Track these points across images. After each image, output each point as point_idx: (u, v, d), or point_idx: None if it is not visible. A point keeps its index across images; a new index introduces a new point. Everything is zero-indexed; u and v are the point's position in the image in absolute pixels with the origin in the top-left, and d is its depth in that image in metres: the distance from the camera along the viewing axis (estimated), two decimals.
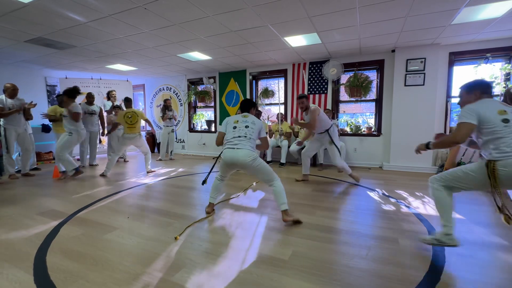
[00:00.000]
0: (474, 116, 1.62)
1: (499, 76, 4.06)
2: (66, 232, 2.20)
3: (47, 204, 2.92)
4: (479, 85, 1.81)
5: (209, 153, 6.99)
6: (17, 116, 4.13)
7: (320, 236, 2.09)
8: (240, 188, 3.54)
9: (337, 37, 4.01)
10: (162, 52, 4.78)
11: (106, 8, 2.96)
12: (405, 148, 4.69)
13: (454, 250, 1.83)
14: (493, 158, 1.54)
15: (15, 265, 1.68)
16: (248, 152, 2.34)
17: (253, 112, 2.69)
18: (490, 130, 1.59)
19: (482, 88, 1.79)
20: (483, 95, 1.77)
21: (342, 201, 3.04)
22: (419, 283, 1.48)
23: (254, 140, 2.45)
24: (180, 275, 1.56)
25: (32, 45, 4.28)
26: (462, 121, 1.66)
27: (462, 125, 1.65)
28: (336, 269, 1.63)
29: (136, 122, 4.43)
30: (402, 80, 4.68)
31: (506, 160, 1.49)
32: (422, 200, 3.01)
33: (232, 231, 2.19)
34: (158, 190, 3.55)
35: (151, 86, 7.81)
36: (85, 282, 1.50)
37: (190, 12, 3.08)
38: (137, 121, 4.43)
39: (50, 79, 6.46)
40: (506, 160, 1.49)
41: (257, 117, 5.68)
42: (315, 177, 4.24)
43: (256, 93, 6.41)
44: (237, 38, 4.01)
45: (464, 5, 2.93)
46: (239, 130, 2.45)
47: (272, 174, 2.40)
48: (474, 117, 1.62)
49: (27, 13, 3.07)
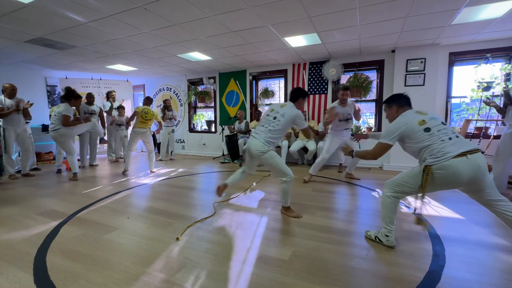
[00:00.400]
0: (395, 137, 1.84)
1: (499, 76, 4.05)
2: (66, 232, 2.20)
3: (47, 204, 2.92)
4: (397, 99, 2.01)
5: (209, 153, 6.99)
6: (16, 116, 4.12)
7: (320, 236, 2.09)
8: (240, 188, 3.54)
9: (337, 37, 4.01)
10: (162, 52, 4.78)
11: (106, 8, 2.96)
12: None
13: (454, 250, 1.83)
14: (429, 163, 1.67)
15: (15, 265, 1.68)
16: (259, 144, 2.41)
17: (301, 102, 2.62)
18: (417, 141, 1.76)
19: (399, 102, 1.99)
20: (400, 108, 1.97)
21: (342, 201, 3.04)
22: (419, 283, 1.48)
23: (277, 132, 2.46)
24: (180, 275, 1.56)
25: (32, 45, 4.28)
26: (383, 141, 1.89)
27: (381, 145, 1.91)
28: (336, 269, 1.63)
29: (150, 120, 4.58)
30: (402, 80, 4.68)
31: (440, 163, 1.62)
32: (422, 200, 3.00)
33: (232, 231, 2.19)
34: (158, 190, 3.55)
35: (151, 86, 7.81)
36: (85, 282, 1.50)
37: (190, 12, 3.08)
38: (151, 118, 4.57)
39: (50, 79, 6.46)
40: (440, 163, 1.63)
41: (257, 118, 5.77)
42: (315, 177, 4.23)
43: (256, 93, 6.41)
44: (237, 38, 4.01)
45: (464, 5, 2.93)
46: (265, 120, 2.56)
47: (282, 172, 2.46)
48: (394, 138, 1.85)
49: (27, 13, 3.07)
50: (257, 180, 4.05)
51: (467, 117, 4.44)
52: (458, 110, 4.65)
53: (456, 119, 4.78)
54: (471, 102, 4.43)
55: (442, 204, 2.86)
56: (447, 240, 2.00)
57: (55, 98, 6.52)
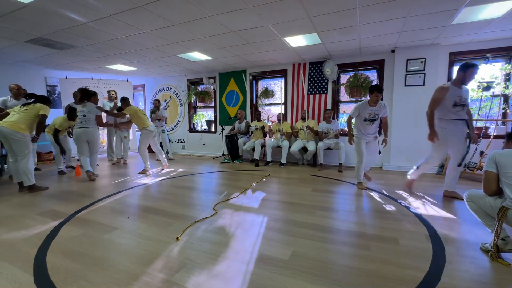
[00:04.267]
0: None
1: (499, 76, 4.05)
2: (66, 232, 2.20)
3: (47, 204, 2.92)
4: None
5: (209, 153, 6.99)
6: None
7: (320, 236, 2.09)
8: (240, 188, 3.54)
9: (337, 37, 4.01)
10: (162, 52, 4.78)
11: (106, 8, 2.96)
12: (405, 148, 4.69)
13: (454, 250, 1.83)
14: (507, 205, 1.68)
15: (15, 265, 1.68)
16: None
17: (378, 96, 3.32)
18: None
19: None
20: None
21: (342, 201, 3.04)
22: (419, 283, 1.48)
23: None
24: (180, 275, 1.56)
25: (32, 45, 4.29)
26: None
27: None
28: (336, 269, 1.63)
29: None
30: (402, 80, 4.68)
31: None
32: (422, 200, 3.01)
33: (232, 231, 2.19)
34: (158, 190, 3.55)
35: (151, 86, 7.81)
36: (85, 282, 1.50)
37: (190, 12, 3.08)
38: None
39: (50, 79, 6.46)
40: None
41: (257, 118, 5.77)
42: (315, 177, 4.24)
43: (256, 93, 6.41)
44: (237, 38, 4.01)
45: (464, 5, 2.93)
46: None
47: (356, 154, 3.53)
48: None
49: (27, 13, 3.07)
50: (257, 180, 4.05)
51: None
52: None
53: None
54: (471, 102, 4.43)
55: (442, 204, 2.86)
56: (447, 240, 2.00)
57: (55, 98, 6.52)
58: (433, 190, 3.41)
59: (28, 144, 3.37)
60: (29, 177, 3.37)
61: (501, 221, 1.66)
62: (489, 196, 1.83)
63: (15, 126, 3.23)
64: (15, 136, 3.22)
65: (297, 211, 2.64)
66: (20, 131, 3.25)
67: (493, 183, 1.77)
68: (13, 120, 3.27)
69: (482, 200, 1.88)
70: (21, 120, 3.31)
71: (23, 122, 3.31)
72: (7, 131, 3.19)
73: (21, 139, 3.27)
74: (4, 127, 3.19)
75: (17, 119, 3.30)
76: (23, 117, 3.34)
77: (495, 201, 1.79)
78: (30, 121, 3.39)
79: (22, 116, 3.35)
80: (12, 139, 3.23)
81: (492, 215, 1.83)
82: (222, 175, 4.55)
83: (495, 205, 1.77)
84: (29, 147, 3.39)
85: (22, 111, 3.40)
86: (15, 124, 3.24)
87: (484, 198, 1.87)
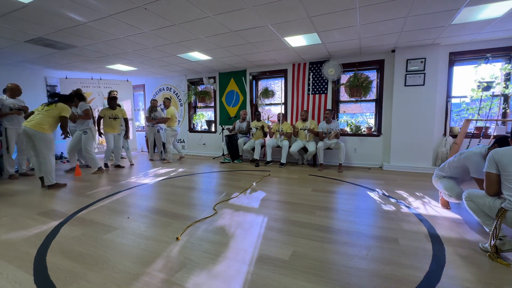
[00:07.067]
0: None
1: (499, 76, 4.05)
2: (66, 232, 2.20)
3: (47, 204, 2.92)
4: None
5: (209, 153, 6.99)
6: (19, 118, 4.23)
7: (320, 236, 2.09)
8: (240, 188, 3.54)
9: (337, 37, 4.01)
10: (162, 52, 4.78)
11: (106, 8, 2.96)
12: (405, 148, 4.69)
13: (454, 250, 1.83)
14: (506, 207, 1.69)
15: (15, 265, 1.68)
16: None
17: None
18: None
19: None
20: None
21: (342, 201, 3.04)
22: (419, 283, 1.48)
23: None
24: (180, 275, 1.56)
25: (32, 45, 4.29)
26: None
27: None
28: (336, 269, 1.63)
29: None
30: (402, 80, 4.68)
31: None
32: (422, 200, 3.01)
33: (232, 231, 2.19)
34: (158, 190, 3.55)
35: (151, 86, 7.80)
36: (85, 282, 1.50)
37: (190, 12, 3.08)
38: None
39: (50, 79, 6.46)
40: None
41: (258, 118, 5.77)
42: (315, 177, 4.24)
43: (256, 93, 6.41)
44: (237, 38, 4.01)
45: (464, 5, 2.93)
46: None
47: None
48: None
49: (27, 13, 3.07)
50: (257, 180, 4.05)
51: (467, 117, 4.45)
52: (458, 110, 4.65)
53: (456, 119, 4.78)
54: (471, 102, 4.43)
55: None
56: (447, 240, 2.00)
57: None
58: (433, 190, 3.41)
59: (50, 144, 3.54)
60: (49, 177, 3.53)
61: (499, 222, 1.67)
62: (490, 196, 1.83)
63: (38, 126, 3.40)
64: (38, 136, 3.40)
65: (297, 211, 2.64)
66: (42, 131, 3.42)
67: (495, 184, 1.78)
68: (36, 121, 3.43)
69: (481, 200, 1.88)
70: (44, 121, 3.46)
71: (45, 123, 3.47)
72: (31, 131, 3.38)
73: (44, 139, 3.45)
74: (28, 127, 3.38)
75: (39, 119, 3.45)
76: (45, 117, 3.50)
77: (495, 202, 1.79)
78: (52, 122, 3.55)
79: (45, 116, 3.51)
80: (36, 138, 3.41)
81: (490, 215, 1.83)
82: (222, 175, 4.54)
83: (494, 206, 1.77)
84: (51, 147, 3.55)
85: (45, 111, 3.55)
86: (38, 125, 3.41)
87: (484, 198, 1.87)
